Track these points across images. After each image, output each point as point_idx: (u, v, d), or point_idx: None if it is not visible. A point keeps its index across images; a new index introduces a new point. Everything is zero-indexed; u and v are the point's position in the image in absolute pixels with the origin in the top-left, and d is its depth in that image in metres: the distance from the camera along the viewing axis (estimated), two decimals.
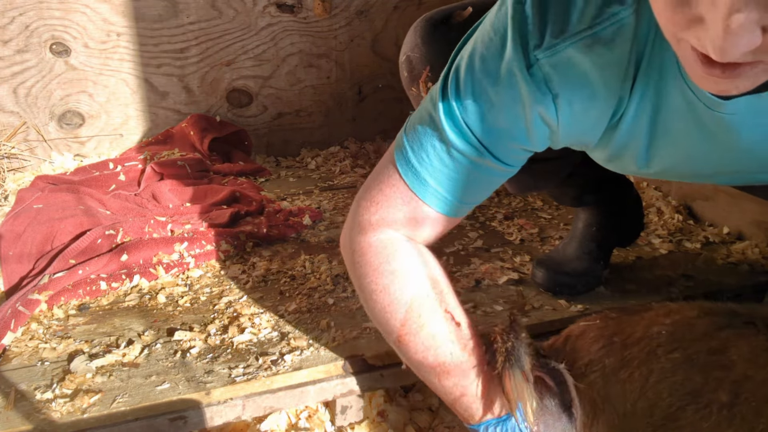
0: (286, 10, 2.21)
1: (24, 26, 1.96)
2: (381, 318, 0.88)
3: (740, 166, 0.80)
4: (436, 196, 0.85)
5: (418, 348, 0.85)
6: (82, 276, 1.26)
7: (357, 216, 0.92)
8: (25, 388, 0.96)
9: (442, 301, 0.87)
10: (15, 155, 2.05)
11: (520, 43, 0.72)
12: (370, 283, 0.88)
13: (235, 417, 0.96)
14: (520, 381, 0.77)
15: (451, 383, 0.85)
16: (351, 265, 0.93)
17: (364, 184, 0.93)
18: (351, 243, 0.92)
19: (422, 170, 0.84)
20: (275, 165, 2.25)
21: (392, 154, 0.88)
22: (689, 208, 1.63)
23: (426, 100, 0.86)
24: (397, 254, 0.88)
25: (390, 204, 0.88)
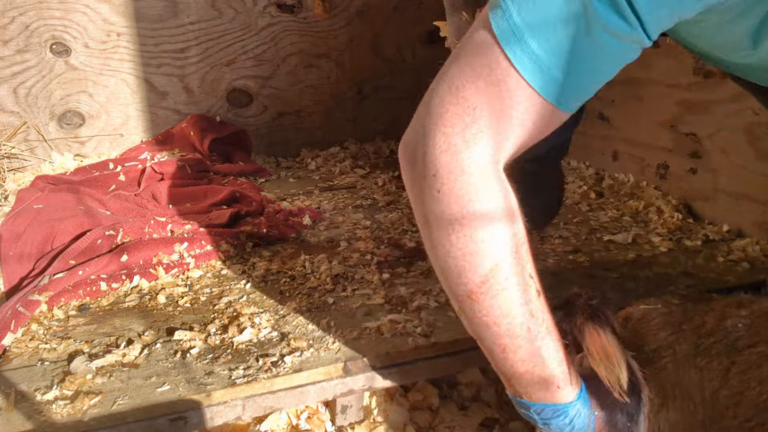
0: (286, 10, 2.21)
1: (24, 26, 1.96)
2: (457, 266, 0.74)
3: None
4: (564, 91, 0.70)
5: (491, 312, 0.74)
6: (82, 276, 1.26)
7: (441, 126, 0.72)
8: (25, 388, 0.97)
9: (527, 262, 0.76)
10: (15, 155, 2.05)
11: None
12: (452, 222, 0.73)
13: (235, 417, 0.96)
14: (609, 339, 0.69)
15: (517, 357, 0.75)
16: (426, 189, 0.74)
17: (444, 76, 0.73)
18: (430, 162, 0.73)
19: (548, 57, 0.67)
20: (275, 165, 2.25)
21: (493, 36, 0.69)
22: (689, 207, 1.63)
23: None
24: (493, 195, 0.73)
25: (494, 106, 0.70)
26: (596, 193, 1.78)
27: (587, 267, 1.35)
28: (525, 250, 0.76)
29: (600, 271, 1.33)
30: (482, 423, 1.12)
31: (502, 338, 0.75)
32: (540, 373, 0.75)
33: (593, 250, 1.43)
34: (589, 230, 1.54)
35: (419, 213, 0.78)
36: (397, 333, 1.08)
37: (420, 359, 1.02)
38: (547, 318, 0.76)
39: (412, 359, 1.02)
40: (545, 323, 0.75)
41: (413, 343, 1.05)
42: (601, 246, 1.45)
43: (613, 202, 1.72)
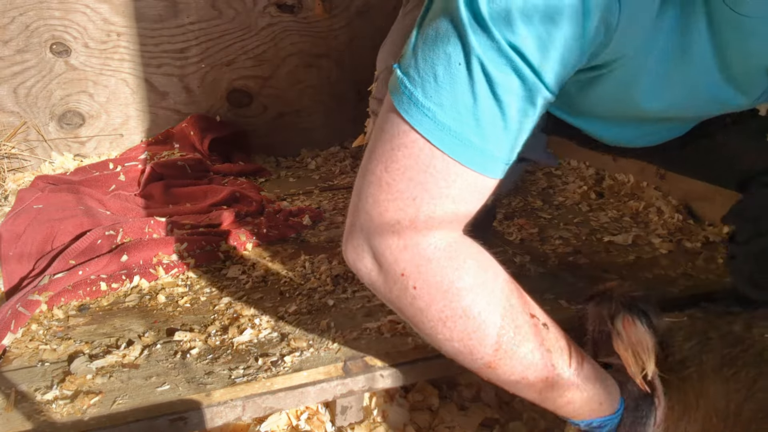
0: (286, 10, 2.21)
1: (24, 26, 1.96)
2: (464, 347, 0.74)
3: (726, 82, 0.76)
4: (488, 158, 0.69)
5: (515, 369, 0.74)
6: (82, 277, 1.26)
7: (384, 222, 0.71)
8: (25, 389, 0.96)
9: (525, 304, 0.76)
10: (15, 155, 2.05)
11: None
12: (442, 310, 0.72)
13: (235, 418, 0.96)
14: (644, 326, 0.69)
15: (555, 395, 0.76)
16: (400, 291, 0.74)
17: (369, 178, 0.72)
18: (393, 263, 0.72)
19: (466, 130, 0.66)
20: (275, 165, 2.25)
21: (405, 122, 0.68)
22: (689, 208, 1.63)
23: (433, 38, 0.66)
24: (466, 266, 0.72)
25: (431, 192, 0.69)
26: (596, 194, 1.79)
27: (587, 268, 1.35)
28: (518, 295, 0.76)
29: (600, 272, 1.33)
30: (482, 423, 1.12)
31: (535, 385, 0.75)
32: (580, 397, 0.77)
33: (593, 252, 1.43)
34: (590, 231, 1.54)
35: (407, 316, 0.77)
36: (397, 333, 1.08)
37: (420, 359, 1.02)
38: (563, 344, 0.77)
39: (412, 359, 1.02)
40: (563, 352, 0.77)
41: (413, 343, 1.05)
42: (602, 247, 1.46)
43: (614, 203, 1.72)
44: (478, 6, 0.62)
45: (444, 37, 0.65)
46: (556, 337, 0.77)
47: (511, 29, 0.62)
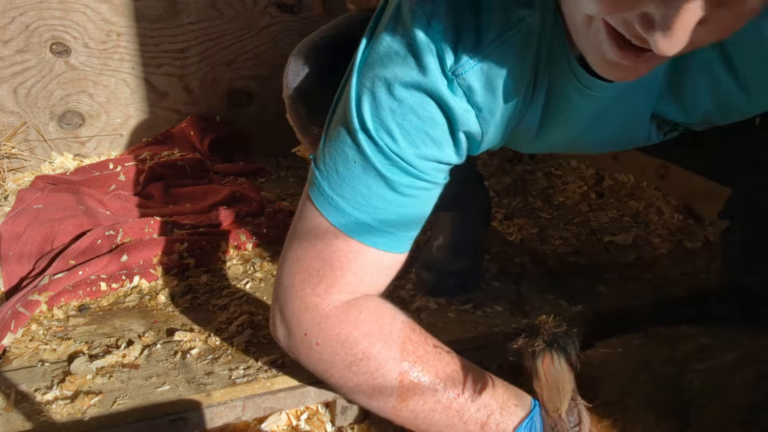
0: (286, 10, 2.21)
1: (24, 26, 1.96)
2: (372, 388, 0.80)
3: (602, 139, 0.87)
4: (386, 236, 0.79)
5: (426, 397, 0.79)
6: (82, 277, 1.26)
7: (293, 294, 0.82)
8: (25, 389, 0.97)
9: (426, 338, 0.82)
10: (15, 155, 2.05)
11: (437, 62, 0.71)
12: (345, 358, 0.80)
13: (235, 418, 0.96)
14: (562, 367, 0.70)
15: (473, 410, 0.79)
16: (307, 350, 0.82)
17: (287, 253, 0.84)
18: (297, 326, 0.82)
19: (364, 216, 0.77)
20: (275, 165, 2.25)
21: (315, 209, 0.80)
22: (689, 208, 1.63)
23: (335, 140, 0.78)
24: (362, 316, 0.80)
25: (333, 266, 0.79)
26: (596, 194, 1.78)
27: (587, 268, 1.35)
28: (418, 332, 0.83)
29: (600, 272, 1.33)
30: None
31: (452, 407, 0.79)
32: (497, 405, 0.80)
33: (593, 252, 1.43)
34: (590, 231, 1.54)
35: (319, 374, 0.85)
36: None
37: None
38: (470, 365, 0.82)
39: None
40: (471, 370, 0.81)
41: None
42: (602, 247, 1.45)
43: (614, 203, 1.72)
44: (365, 123, 0.75)
45: (342, 140, 0.77)
46: (461, 361, 0.82)
47: (393, 141, 0.74)
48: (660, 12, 0.51)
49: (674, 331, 0.76)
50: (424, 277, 1.23)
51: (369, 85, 0.75)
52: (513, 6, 0.70)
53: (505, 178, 1.90)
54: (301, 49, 0.99)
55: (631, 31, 0.55)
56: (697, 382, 0.67)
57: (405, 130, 0.74)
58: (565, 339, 0.71)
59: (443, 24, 0.70)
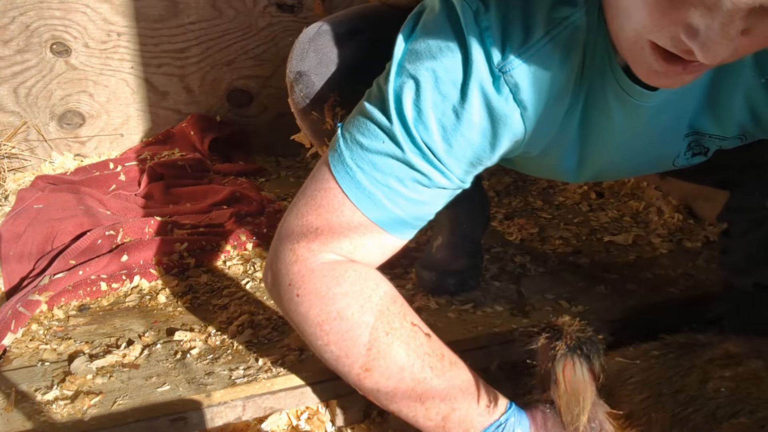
0: (287, 10, 2.21)
1: (24, 26, 1.96)
2: (340, 349, 0.79)
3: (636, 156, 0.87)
4: (392, 218, 0.79)
5: (391, 371, 0.77)
6: (82, 276, 1.26)
7: (288, 245, 0.82)
8: (25, 389, 0.97)
9: (406, 314, 0.81)
10: (15, 155, 2.05)
11: (484, 59, 0.71)
12: (319, 314, 0.79)
13: (235, 418, 0.96)
14: (584, 376, 0.66)
15: (437, 400, 0.77)
16: (288, 301, 0.82)
17: (292, 209, 0.84)
18: (284, 275, 0.82)
19: (377, 193, 0.77)
20: (275, 165, 2.25)
21: (330, 173, 0.79)
22: (689, 208, 1.63)
23: (367, 115, 0.78)
24: (346, 275, 0.79)
25: (333, 229, 0.80)
26: (596, 194, 1.78)
27: (588, 268, 1.35)
28: (400, 304, 0.81)
29: (600, 272, 1.33)
30: None
31: (414, 389, 0.77)
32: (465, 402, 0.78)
33: (594, 252, 1.43)
34: (590, 231, 1.54)
35: (295, 322, 0.84)
36: None
37: None
38: (447, 353, 0.80)
39: None
40: (447, 357, 0.79)
41: None
42: (602, 247, 1.45)
43: (614, 203, 1.72)
44: (402, 109, 0.74)
45: (375, 118, 0.76)
46: (438, 347, 0.80)
47: (428, 133, 0.74)
48: (705, 22, 0.52)
49: (692, 339, 0.73)
50: (424, 277, 1.23)
51: (414, 72, 0.73)
52: (558, 4, 0.70)
53: (505, 178, 1.90)
54: (306, 35, 0.99)
55: (677, 45, 0.57)
56: (724, 389, 0.65)
57: (443, 126, 0.74)
58: (589, 345, 0.67)
59: (491, 20, 0.70)
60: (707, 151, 0.87)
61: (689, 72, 0.61)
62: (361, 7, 1.03)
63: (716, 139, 0.84)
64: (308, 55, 0.96)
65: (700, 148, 0.87)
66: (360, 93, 0.81)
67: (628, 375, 0.71)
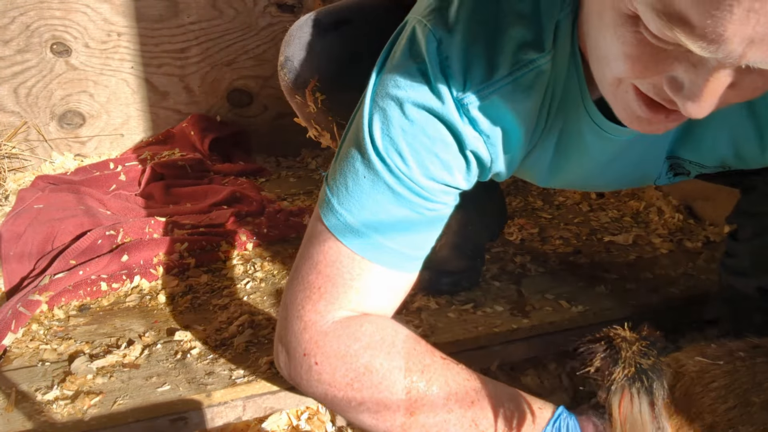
0: (287, 10, 2.21)
1: (25, 26, 1.96)
2: (377, 404, 0.75)
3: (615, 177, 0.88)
4: (392, 255, 0.78)
5: (437, 406, 0.74)
6: (82, 276, 1.26)
7: (294, 313, 0.79)
8: (25, 389, 0.97)
9: (433, 351, 0.79)
10: (16, 155, 2.05)
11: (447, 87, 0.71)
12: (345, 374, 0.75)
13: (235, 418, 0.96)
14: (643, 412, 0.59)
15: (491, 417, 0.75)
16: (306, 372, 0.78)
17: (293, 276, 0.82)
18: (296, 346, 0.79)
19: (370, 231, 0.76)
20: (275, 165, 2.25)
21: (323, 225, 0.78)
22: (690, 208, 1.63)
23: (346, 157, 0.78)
24: (363, 329, 0.77)
25: (336, 282, 0.77)
26: (597, 194, 1.78)
27: (588, 268, 1.35)
28: (424, 344, 0.80)
29: (600, 272, 1.33)
30: None
31: (465, 416, 0.75)
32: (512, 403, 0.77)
33: (594, 252, 1.43)
34: (590, 231, 1.54)
35: (319, 395, 0.80)
36: None
37: None
38: (482, 376, 0.79)
39: None
40: (485, 379, 0.78)
41: None
42: (602, 247, 1.45)
43: (614, 203, 1.72)
44: (375, 141, 0.74)
45: (353, 157, 0.76)
46: (472, 372, 0.79)
47: (402, 160, 0.74)
48: (689, 77, 0.51)
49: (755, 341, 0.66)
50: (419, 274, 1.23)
51: (381, 103, 0.74)
52: (525, 47, 0.70)
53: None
54: (297, 22, 1.01)
55: (660, 94, 0.56)
56: None
57: (415, 150, 0.73)
58: (651, 374, 0.59)
59: (454, 52, 0.70)
60: (689, 173, 0.88)
61: (672, 120, 0.59)
62: (352, 0, 1.05)
63: (696, 165, 0.84)
64: (293, 42, 0.98)
65: (681, 169, 0.87)
66: (341, 79, 0.83)
67: (710, 378, 0.63)
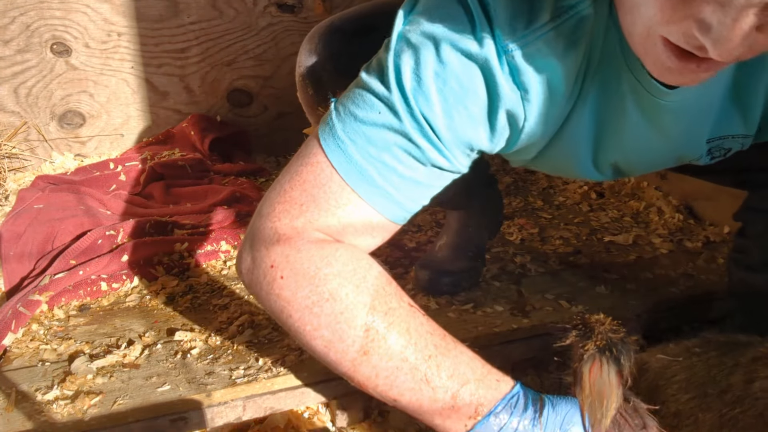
0: (287, 10, 2.21)
1: (25, 26, 1.96)
2: (333, 333, 0.72)
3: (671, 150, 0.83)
4: (385, 197, 0.74)
5: (393, 351, 0.72)
6: (82, 276, 1.26)
7: (269, 223, 0.75)
8: (26, 389, 0.97)
9: (402, 295, 0.76)
10: (16, 155, 2.05)
11: (490, 32, 0.68)
12: (308, 296, 0.72)
13: (235, 418, 0.96)
14: (611, 379, 0.63)
15: (444, 378, 0.72)
16: (269, 284, 0.74)
17: (275, 186, 0.78)
18: (265, 256, 0.75)
19: (370, 168, 0.72)
20: (275, 165, 2.25)
21: (319, 146, 0.74)
22: (690, 208, 1.63)
23: (363, 86, 0.73)
24: (337, 254, 0.73)
25: (320, 205, 0.73)
26: (597, 193, 1.78)
27: (588, 268, 1.35)
28: (395, 286, 0.77)
29: (600, 272, 1.33)
30: None
31: (419, 368, 0.72)
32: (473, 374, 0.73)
33: (594, 252, 1.43)
34: (590, 231, 1.54)
35: (275, 310, 0.76)
36: None
37: None
38: (447, 333, 0.76)
39: None
40: (448, 337, 0.76)
41: None
42: (602, 247, 1.45)
43: (614, 203, 1.72)
44: (401, 78, 0.70)
45: (371, 88, 0.72)
46: (437, 326, 0.76)
47: (428, 105, 0.70)
48: (717, 18, 0.51)
49: (733, 338, 0.70)
50: (419, 275, 1.23)
51: (415, 40, 0.69)
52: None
53: (505, 178, 1.90)
54: (317, 29, 0.96)
55: (690, 41, 0.55)
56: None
57: (444, 96, 0.69)
58: (620, 347, 0.63)
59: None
60: (728, 152, 0.85)
61: (704, 70, 0.59)
62: (373, 4, 1.01)
63: (740, 138, 0.82)
64: (318, 51, 0.94)
65: (722, 151, 0.85)
66: None
67: (671, 373, 0.69)
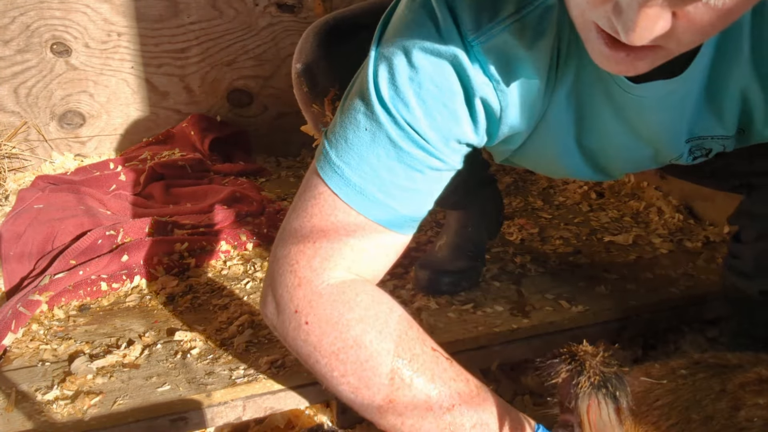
0: (287, 10, 2.21)
1: (25, 26, 1.96)
2: (359, 380, 0.73)
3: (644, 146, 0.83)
4: (389, 212, 0.75)
5: (417, 400, 0.72)
6: (82, 276, 1.26)
7: (287, 266, 0.77)
8: (26, 389, 0.97)
9: (425, 339, 0.77)
10: (16, 155, 2.05)
11: (455, 29, 0.69)
12: (333, 342, 0.73)
13: (235, 418, 0.96)
14: (611, 417, 0.61)
15: (468, 426, 0.73)
16: (295, 329, 0.76)
17: (285, 226, 0.80)
18: (288, 301, 0.76)
19: (369, 187, 0.74)
20: (275, 165, 2.25)
21: (319, 177, 0.76)
22: (690, 208, 1.63)
23: (348, 109, 0.75)
24: (358, 299, 0.75)
25: (331, 238, 0.75)
26: (597, 193, 1.78)
27: (588, 268, 1.35)
28: (416, 329, 0.77)
29: (600, 272, 1.33)
30: None
31: (444, 418, 0.72)
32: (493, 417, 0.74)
33: (594, 252, 1.43)
34: (590, 231, 1.54)
35: (302, 354, 0.78)
36: None
37: None
38: (470, 377, 0.77)
39: None
40: (472, 381, 0.76)
41: None
42: (602, 247, 1.45)
43: (614, 203, 1.72)
44: (380, 91, 0.71)
45: (356, 108, 0.74)
46: (460, 369, 0.77)
47: (408, 110, 0.71)
48: (626, 1, 0.50)
49: (723, 359, 0.69)
50: (419, 275, 1.24)
51: (387, 53, 0.72)
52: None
53: (505, 178, 1.90)
54: (313, 28, 0.98)
55: (611, 25, 0.54)
56: (757, 418, 0.60)
57: (422, 99, 0.71)
58: (614, 382, 0.62)
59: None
60: (709, 152, 0.86)
61: (637, 58, 0.57)
62: (369, 3, 1.02)
63: (720, 139, 0.82)
64: (313, 49, 0.95)
65: (702, 151, 0.85)
66: None
67: (654, 397, 0.67)
